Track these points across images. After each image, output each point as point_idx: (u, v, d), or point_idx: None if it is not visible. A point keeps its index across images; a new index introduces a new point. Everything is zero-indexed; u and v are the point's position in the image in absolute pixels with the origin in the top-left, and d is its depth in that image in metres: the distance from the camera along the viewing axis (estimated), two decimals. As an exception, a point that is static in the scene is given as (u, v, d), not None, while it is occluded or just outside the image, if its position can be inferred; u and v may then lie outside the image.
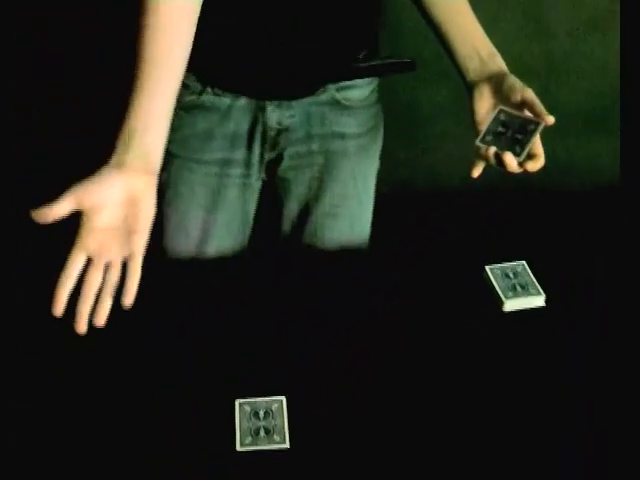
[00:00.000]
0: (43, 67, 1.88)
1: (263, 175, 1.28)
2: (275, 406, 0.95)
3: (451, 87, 1.92)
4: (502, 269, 1.14)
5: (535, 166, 1.06)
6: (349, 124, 1.27)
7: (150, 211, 0.92)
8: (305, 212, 1.34)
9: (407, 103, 1.31)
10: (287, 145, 1.25)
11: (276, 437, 0.92)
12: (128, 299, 0.89)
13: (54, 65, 1.89)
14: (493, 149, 1.07)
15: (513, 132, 1.05)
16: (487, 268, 1.14)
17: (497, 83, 1.10)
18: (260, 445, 0.92)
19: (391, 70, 1.26)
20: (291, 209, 1.35)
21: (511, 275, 1.13)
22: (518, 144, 1.04)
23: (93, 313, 0.88)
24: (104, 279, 0.89)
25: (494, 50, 1.14)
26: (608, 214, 1.21)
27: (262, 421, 0.94)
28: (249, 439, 0.92)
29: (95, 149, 1.25)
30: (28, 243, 1.09)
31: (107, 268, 0.89)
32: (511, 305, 1.09)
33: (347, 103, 1.24)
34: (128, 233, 0.90)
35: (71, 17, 1.84)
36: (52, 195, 1.14)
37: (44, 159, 1.70)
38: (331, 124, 1.25)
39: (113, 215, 0.90)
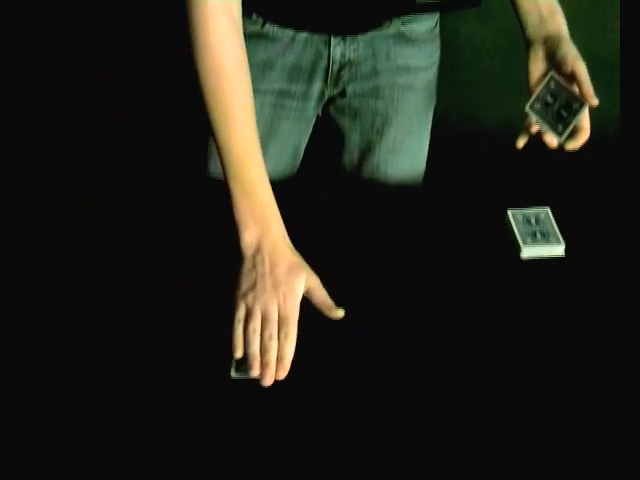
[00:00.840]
0: (43, 67, 1.88)
1: (319, 111, 1.27)
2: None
3: (492, 30, 1.92)
4: (524, 214, 1.10)
5: (575, 144, 1.06)
6: (414, 57, 1.25)
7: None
8: (367, 147, 1.32)
9: (448, 43, 1.29)
10: (351, 80, 1.23)
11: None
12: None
13: (54, 65, 1.89)
14: (536, 127, 1.08)
15: (559, 106, 1.04)
16: (509, 211, 1.11)
17: (552, 48, 1.09)
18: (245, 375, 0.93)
19: (456, 6, 1.26)
20: (353, 143, 1.33)
21: (533, 221, 1.09)
22: (561, 122, 1.04)
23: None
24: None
25: (555, 6, 1.12)
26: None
27: None
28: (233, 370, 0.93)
29: (94, 148, 1.25)
30: (27, 242, 1.09)
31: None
32: (529, 252, 1.06)
33: (412, 36, 1.23)
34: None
35: (71, 17, 1.84)
36: (49, 194, 1.14)
37: (44, 158, 1.70)
38: (396, 57, 1.23)
39: None
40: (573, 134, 1.06)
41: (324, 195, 1.19)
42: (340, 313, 0.97)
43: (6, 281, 1.04)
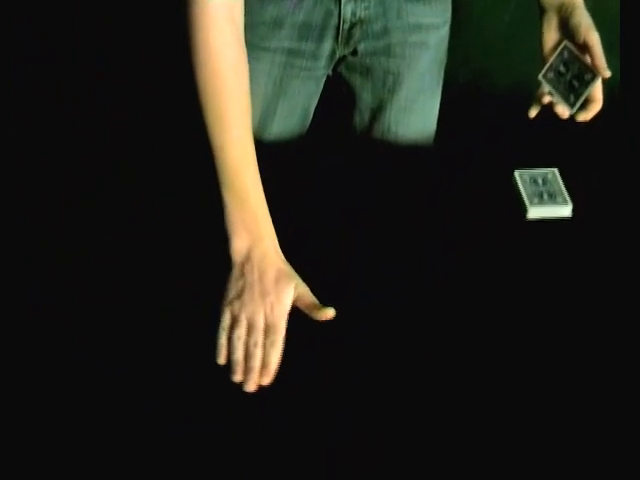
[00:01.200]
0: (43, 67, 1.88)
1: (329, 71, 1.26)
2: None
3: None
4: (531, 175, 1.09)
5: (587, 116, 1.05)
6: (426, 15, 1.23)
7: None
8: (378, 106, 1.31)
9: (459, 2, 1.28)
10: (362, 39, 1.21)
11: None
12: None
13: (54, 65, 1.88)
14: (548, 98, 1.08)
15: (572, 76, 1.04)
16: (516, 172, 1.10)
17: (565, 17, 1.07)
18: None
19: None
20: (364, 102, 1.31)
21: (540, 182, 1.08)
22: (573, 93, 1.03)
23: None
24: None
25: None
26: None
27: None
28: None
29: (94, 148, 1.25)
30: (27, 242, 1.09)
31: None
32: (535, 212, 1.05)
33: None
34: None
35: (71, 17, 1.84)
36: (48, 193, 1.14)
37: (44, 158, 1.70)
38: (408, 16, 1.21)
39: None
40: (585, 105, 1.05)
41: (334, 155, 1.18)
42: (330, 313, 0.95)
43: (6, 281, 1.04)
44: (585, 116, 1.06)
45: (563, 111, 1.06)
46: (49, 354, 0.96)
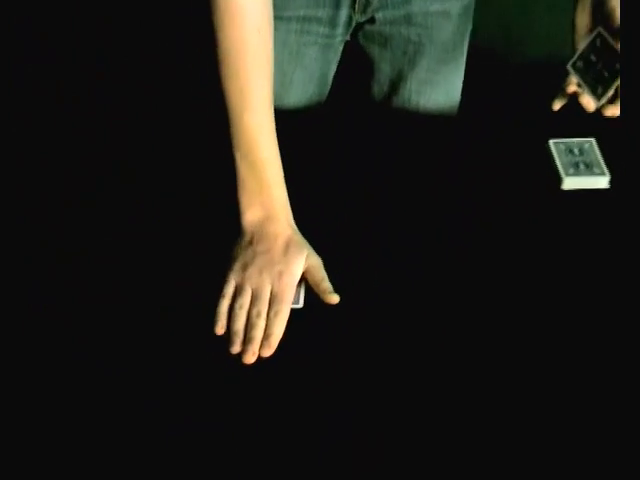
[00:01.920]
0: (43, 67, 1.88)
1: (347, 37, 1.22)
2: None
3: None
4: (567, 144, 1.06)
5: (615, 111, 1.00)
6: None
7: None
8: (398, 78, 1.28)
9: None
10: (381, 8, 1.17)
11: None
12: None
13: (54, 65, 1.88)
14: (572, 88, 1.02)
15: (602, 66, 0.98)
16: (551, 141, 1.07)
17: (601, 0, 1.01)
18: None
19: None
20: (383, 73, 1.28)
21: (576, 152, 1.05)
22: (601, 84, 0.97)
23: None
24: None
25: None
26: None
27: None
28: None
29: (94, 148, 1.25)
30: (27, 242, 1.09)
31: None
32: (570, 183, 1.02)
33: None
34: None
35: (71, 17, 1.84)
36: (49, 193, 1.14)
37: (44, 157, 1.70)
38: None
39: None
40: (615, 99, 1.00)
41: (354, 124, 1.15)
42: (335, 299, 0.93)
43: (6, 281, 1.04)
44: (613, 111, 1.00)
45: (588, 103, 1.01)
46: (49, 354, 0.96)
